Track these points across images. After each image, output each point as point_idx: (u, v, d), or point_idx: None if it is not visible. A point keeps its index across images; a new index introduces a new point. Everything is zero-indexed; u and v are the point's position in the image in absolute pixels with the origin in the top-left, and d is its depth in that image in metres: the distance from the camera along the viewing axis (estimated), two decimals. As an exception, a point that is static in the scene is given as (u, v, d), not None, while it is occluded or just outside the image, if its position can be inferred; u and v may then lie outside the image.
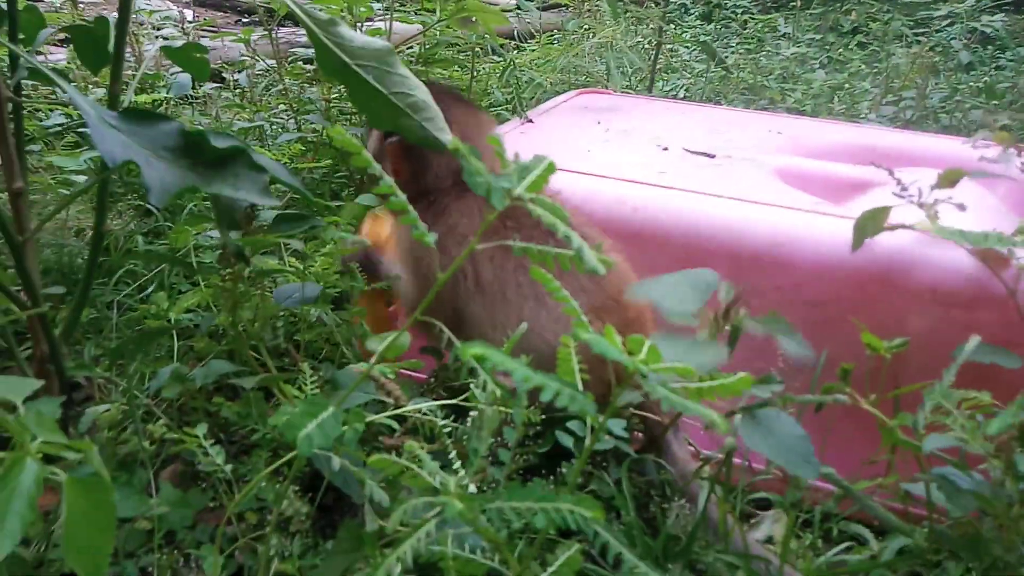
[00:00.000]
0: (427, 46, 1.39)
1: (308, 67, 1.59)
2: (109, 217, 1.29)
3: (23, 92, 0.89)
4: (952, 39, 3.11)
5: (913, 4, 4.21)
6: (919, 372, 0.95)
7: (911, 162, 1.42)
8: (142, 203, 1.39)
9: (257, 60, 1.72)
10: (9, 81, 0.85)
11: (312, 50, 1.93)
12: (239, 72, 1.66)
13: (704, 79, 2.64)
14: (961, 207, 0.93)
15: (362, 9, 1.33)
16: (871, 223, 0.93)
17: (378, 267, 1.00)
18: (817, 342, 0.99)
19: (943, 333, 0.94)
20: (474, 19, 1.25)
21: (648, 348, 0.51)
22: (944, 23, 3.12)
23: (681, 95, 2.81)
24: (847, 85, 2.93)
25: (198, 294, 1.03)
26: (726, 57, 3.26)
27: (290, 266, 0.97)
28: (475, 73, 1.49)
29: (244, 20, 5.54)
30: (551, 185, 0.94)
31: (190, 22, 4.71)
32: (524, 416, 0.59)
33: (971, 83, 2.85)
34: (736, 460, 0.84)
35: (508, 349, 0.70)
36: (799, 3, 4.21)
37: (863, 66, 3.31)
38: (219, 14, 5.63)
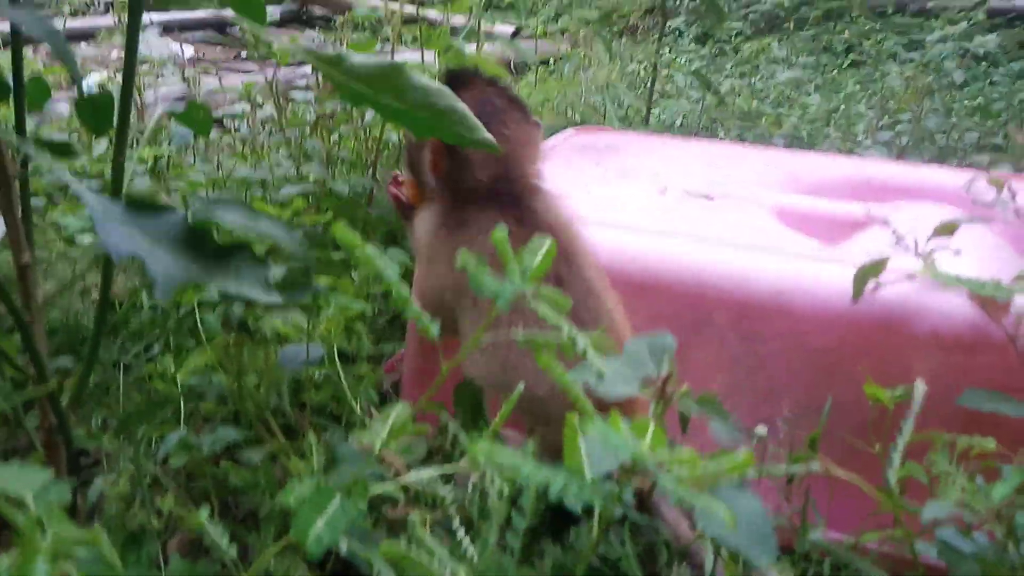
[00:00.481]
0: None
1: (309, 112, 1.61)
2: (114, 272, 1.30)
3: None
4: (945, 58, 3.14)
5: (905, 24, 4.25)
6: (923, 418, 0.95)
7: (909, 195, 1.43)
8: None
9: (259, 106, 1.74)
10: (16, 155, 0.86)
11: (310, 92, 1.93)
12: (240, 121, 1.68)
13: (700, 106, 2.66)
14: (957, 252, 0.94)
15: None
16: (871, 273, 0.94)
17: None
18: (822, 389, 1.00)
19: (946, 378, 0.94)
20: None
21: (653, 432, 0.51)
22: (937, 43, 3.15)
23: (678, 122, 2.83)
24: (843, 107, 2.95)
25: (203, 355, 1.04)
26: (721, 82, 3.29)
27: (295, 327, 0.98)
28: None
29: (244, 55, 5.62)
30: (569, 212, 0.97)
31: (190, 59, 4.77)
32: (532, 509, 0.60)
33: (966, 101, 2.87)
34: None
35: (507, 412, 0.71)
36: (791, 25, 4.25)
37: (858, 86, 3.33)
38: (219, 48, 5.71)
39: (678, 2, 2.18)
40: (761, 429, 0.94)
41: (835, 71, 3.60)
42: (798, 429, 1.01)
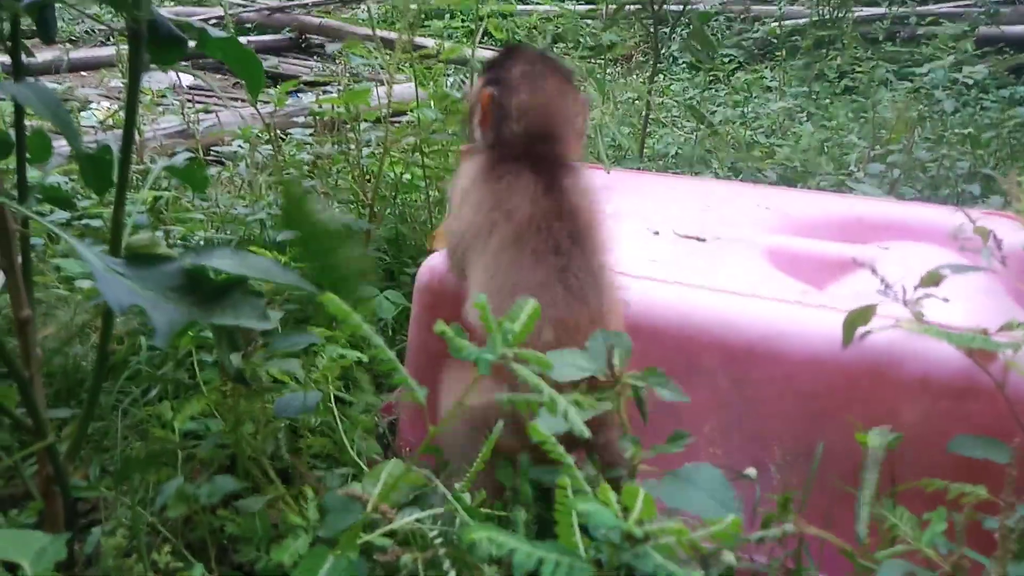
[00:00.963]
0: (422, 135, 1.44)
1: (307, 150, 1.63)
2: (114, 320, 1.31)
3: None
4: (935, 87, 3.18)
5: (896, 52, 4.31)
6: (913, 463, 0.96)
7: (899, 233, 1.45)
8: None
9: (258, 143, 1.76)
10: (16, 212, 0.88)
11: (309, 130, 1.95)
12: (238, 164, 1.71)
13: (695, 137, 2.69)
14: (946, 300, 0.95)
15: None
16: (860, 319, 0.96)
17: None
18: (812, 434, 1.01)
19: (935, 424, 0.95)
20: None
21: (643, 498, 0.52)
22: (927, 72, 3.20)
23: (672, 152, 2.86)
24: (835, 136, 2.99)
25: (200, 401, 1.05)
26: (714, 111, 3.33)
27: (291, 377, 0.99)
28: (468, 160, 1.53)
29: (241, 82, 5.66)
30: (594, 196, 1.02)
31: (189, 88, 4.80)
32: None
33: (956, 129, 2.90)
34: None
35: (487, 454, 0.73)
36: (784, 53, 4.30)
37: (850, 115, 3.37)
38: (218, 75, 5.76)
39: (671, 31, 2.22)
40: (751, 471, 0.96)
41: (827, 99, 3.64)
42: (790, 473, 1.02)
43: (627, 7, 1.98)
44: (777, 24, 4.67)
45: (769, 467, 1.02)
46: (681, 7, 2.07)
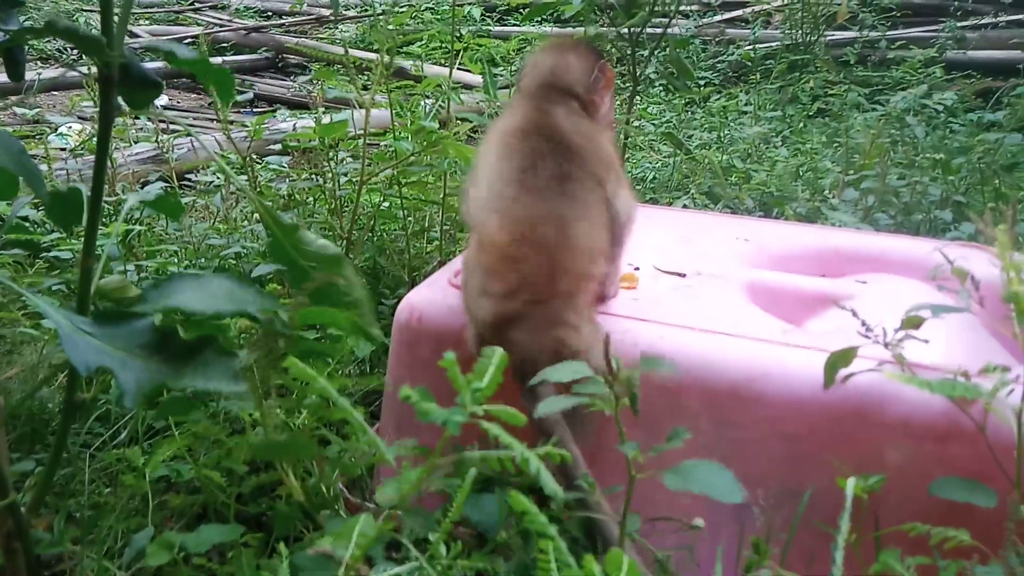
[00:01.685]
0: (399, 168, 1.42)
1: (281, 187, 1.61)
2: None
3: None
4: (906, 111, 3.24)
5: (867, 76, 4.39)
6: (897, 506, 0.96)
7: (875, 264, 1.46)
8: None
9: (233, 170, 1.73)
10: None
11: (285, 157, 1.93)
12: (213, 196, 1.68)
13: (672, 162, 2.71)
14: (925, 342, 0.96)
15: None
16: (841, 361, 0.95)
17: None
18: (796, 476, 1.01)
19: (918, 467, 0.95)
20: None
21: (628, 566, 0.51)
22: (898, 98, 3.26)
23: (650, 176, 2.87)
24: (810, 161, 3.02)
25: (173, 444, 1.02)
26: (691, 135, 3.35)
27: (273, 416, 0.96)
28: (446, 192, 1.52)
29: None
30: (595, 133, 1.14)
31: (164, 108, 4.74)
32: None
33: (927, 154, 2.95)
34: None
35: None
36: (758, 76, 4.36)
37: (823, 139, 3.42)
38: (193, 95, 5.71)
39: (649, 55, 2.23)
40: (699, 521, 0.94)
41: (801, 123, 3.68)
42: (775, 515, 1.02)
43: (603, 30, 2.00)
44: (751, 48, 4.74)
45: (753, 509, 1.01)
46: (660, 30, 2.08)
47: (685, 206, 2.52)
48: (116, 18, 0.75)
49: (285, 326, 0.81)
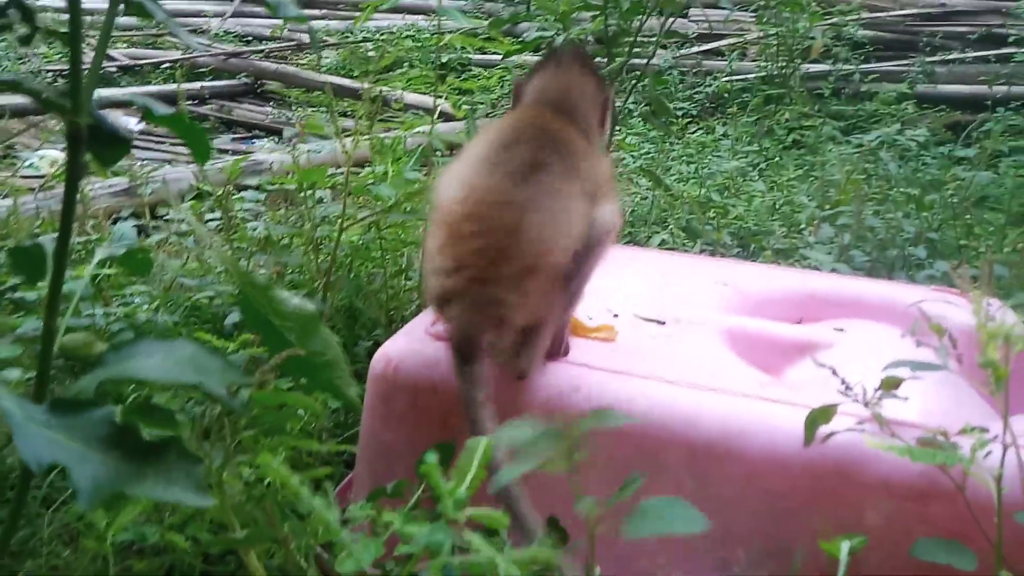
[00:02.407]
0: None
1: (255, 224, 1.58)
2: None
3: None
4: (880, 146, 3.29)
5: (841, 109, 4.47)
6: (878, 565, 0.95)
7: (851, 310, 1.46)
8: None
9: (209, 207, 1.70)
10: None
11: (262, 194, 1.89)
12: (186, 239, 1.65)
13: (651, 198, 2.72)
14: (904, 399, 0.95)
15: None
16: (821, 418, 0.95)
17: None
18: (777, 533, 0.99)
19: (899, 526, 0.94)
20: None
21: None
22: (872, 136, 3.32)
23: (630, 210, 2.88)
24: (786, 195, 3.06)
25: (137, 506, 0.98)
26: (669, 167, 3.38)
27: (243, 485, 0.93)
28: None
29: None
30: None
31: (140, 135, 4.69)
32: None
33: (900, 188, 3.00)
34: None
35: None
36: (734, 108, 4.42)
37: (799, 172, 3.46)
38: (169, 120, 5.67)
39: (630, 90, 2.25)
40: None
41: (777, 156, 3.73)
42: (757, 573, 1.00)
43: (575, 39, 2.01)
44: (728, 80, 4.80)
45: (734, 568, 1.00)
46: (641, 60, 2.10)
47: (664, 241, 2.53)
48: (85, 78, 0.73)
49: (245, 406, 0.79)
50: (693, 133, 4.19)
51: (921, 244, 2.46)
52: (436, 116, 1.76)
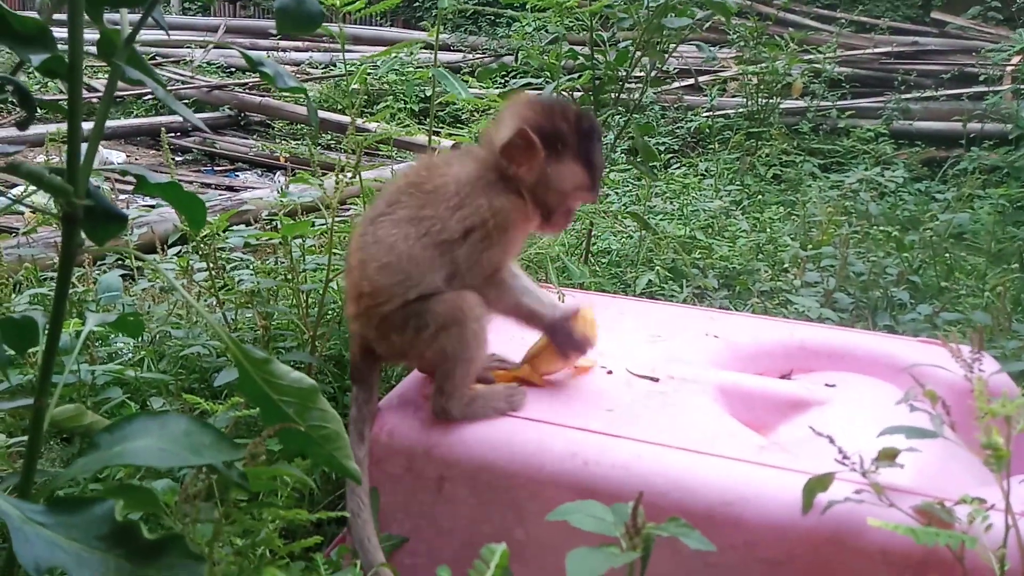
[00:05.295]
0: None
1: (244, 276, 1.57)
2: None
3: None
4: (860, 186, 3.35)
5: (820, 145, 4.56)
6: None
7: (840, 362, 1.47)
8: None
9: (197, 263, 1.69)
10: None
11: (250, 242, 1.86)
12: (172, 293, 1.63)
13: (638, 238, 2.74)
14: (902, 467, 0.96)
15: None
16: (819, 486, 0.95)
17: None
18: (776, 603, 0.99)
19: (898, 595, 0.94)
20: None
21: None
22: (851, 170, 3.38)
23: (615, 250, 2.90)
24: (769, 232, 3.09)
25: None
26: (653, 205, 3.41)
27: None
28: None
29: (177, 159, 5.55)
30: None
31: (122, 163, 4.67)
32: None
33: (880, 227, 3.04)
34: None
35: None
36: (716, 145, 4.49)
37: (780, 209, 3.51)
38: (151, 152, 5.64)
39: (619, 133, 2.27)
40: None
41: (759, 193, 3.78)
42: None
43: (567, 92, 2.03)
44: (709, 116, 4.88)
45: (733, 638, 0.99)
46: (628, 96, 2.12)
47: (650, 281, 2.54)
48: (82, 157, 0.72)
49: (243, 477, 0.78)
50: (676, 169, 4.24)
51: (903, 285, 2.50)
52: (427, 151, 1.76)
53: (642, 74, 2.13)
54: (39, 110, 0.75)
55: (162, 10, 0.83)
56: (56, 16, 0.79)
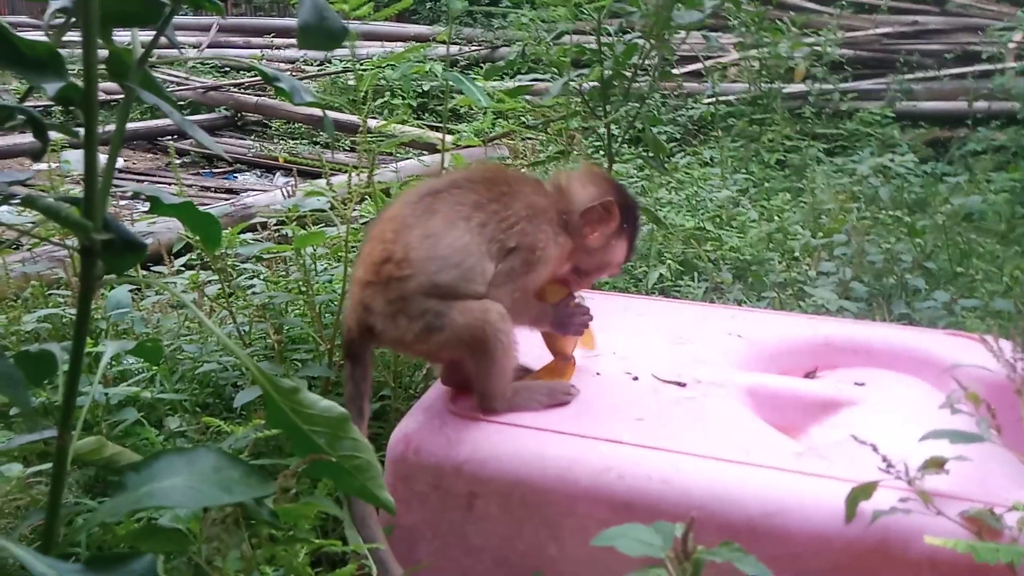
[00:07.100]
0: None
1: (256, 292, 1.54)
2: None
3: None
4: (868, 177, 3.30)
5: (824, 129, 4.51)
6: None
7: (866, 358, 1.45)
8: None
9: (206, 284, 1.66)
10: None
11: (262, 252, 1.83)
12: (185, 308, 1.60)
13: (647, 232, 2.71)
14: (946, 472, 0.93)
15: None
16: (862, 495, 0.92)
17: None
18: (821, 616, 0.96)
19: (948, 605, 0.92)
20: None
21: None
22: (857, 154, 3.34)
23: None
24: (777, 218, 3.06)
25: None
26: (659, 197, 3.37)
27: None
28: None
29: (178, 160, 5.49)
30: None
31: (119, 172, 4.60)
32: None
33: (889, 212, 3.01)
34: None
35: None
36: (719, 133, 4.44)
37: (788, 197, 3.47)
38: (149, 155, 5.59)
39: (627, 128, 2.24)
40: None
41: (765, 181, 3.74)
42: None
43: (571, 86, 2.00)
44: (712, 103, 4.83)
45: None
46: (643, 89, 2.08)
47: (662, 275, 2.51)
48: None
49: (272, 515, 0.76)
50: (680, 159, 4.20)
51: (918, 272, 2.47)
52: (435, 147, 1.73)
53: (649, 66, 2.10)
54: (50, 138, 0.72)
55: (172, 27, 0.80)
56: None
